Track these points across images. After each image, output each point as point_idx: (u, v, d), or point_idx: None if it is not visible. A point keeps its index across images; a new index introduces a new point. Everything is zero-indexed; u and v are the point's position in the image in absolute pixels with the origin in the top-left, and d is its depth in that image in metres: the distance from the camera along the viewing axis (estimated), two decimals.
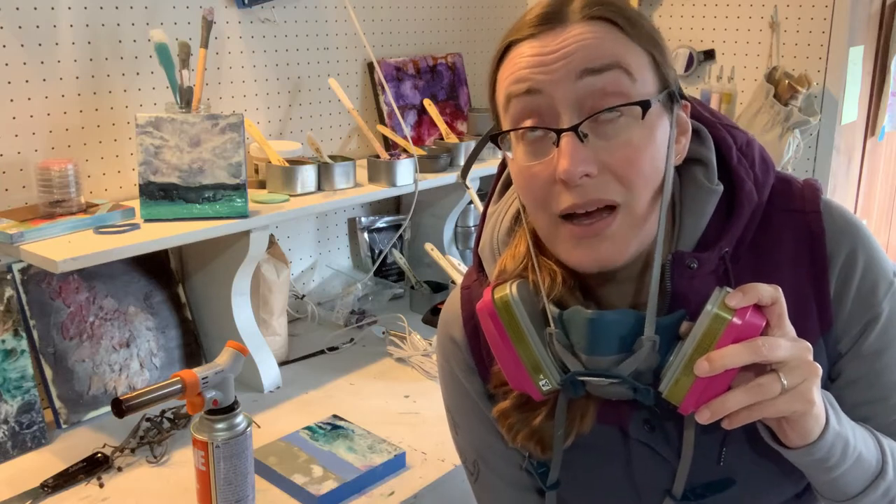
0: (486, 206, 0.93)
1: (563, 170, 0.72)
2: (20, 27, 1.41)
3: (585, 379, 0.74)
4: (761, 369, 0.70)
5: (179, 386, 1.07)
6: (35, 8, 1.43)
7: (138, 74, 1.58)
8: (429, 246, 1.91)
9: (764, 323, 0.70)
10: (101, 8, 1.51)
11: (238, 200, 1.45)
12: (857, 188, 2.33)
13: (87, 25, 1.50)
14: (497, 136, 0.79)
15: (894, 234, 2.65)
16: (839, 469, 0.76)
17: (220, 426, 1.11)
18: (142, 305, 1.59)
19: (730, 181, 0.81)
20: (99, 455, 1.33)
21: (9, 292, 1.39)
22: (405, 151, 1.86)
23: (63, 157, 1.46)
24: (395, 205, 2.18)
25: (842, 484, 0.77)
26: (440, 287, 2.01)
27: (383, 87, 1.98)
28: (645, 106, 0.73)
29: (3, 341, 1.37)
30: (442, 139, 2.00)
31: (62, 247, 1.29)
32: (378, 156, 1.79)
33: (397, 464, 1.33)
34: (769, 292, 0.70)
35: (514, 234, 0.86)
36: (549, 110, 0.74)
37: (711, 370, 0.68)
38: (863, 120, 2.27)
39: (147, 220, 1.42)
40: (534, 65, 0.74)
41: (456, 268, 1.86)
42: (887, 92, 2.27)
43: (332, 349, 1.79)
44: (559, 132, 0.73)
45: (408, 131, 2.00)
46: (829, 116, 2.09)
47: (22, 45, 1.42)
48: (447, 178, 1.87)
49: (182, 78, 1.50)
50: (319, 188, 1.67)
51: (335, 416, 1.46)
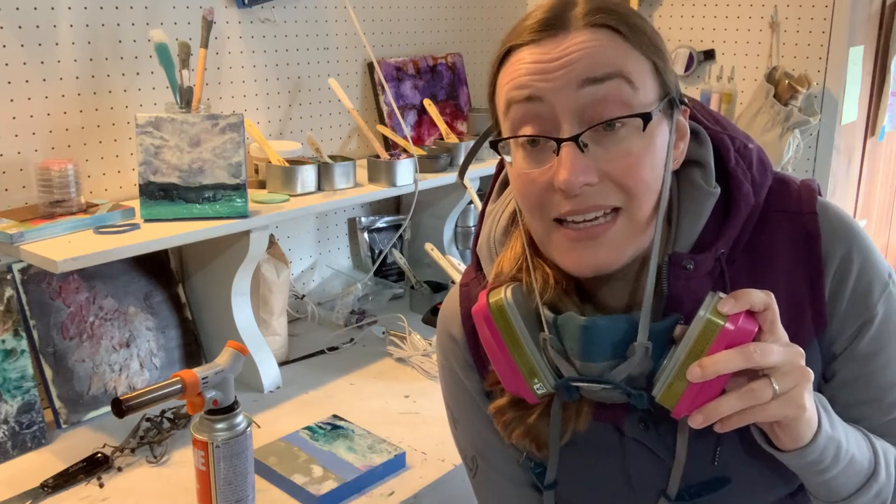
0: (485, 205, 0.93)
1: (563, 180, 0.72)
2: (20, 27, 1.41)
3: (579, 384, 0.75)
4: (754, 374, 0.70)
5: (179, 386, 1.07)
6: (35, 8, 1.43)
7: (138, 74, 1.58)
8: (429, 246, 1.91)
9: (756, 328, 0.70)
10: (101, 8, 1.51)
11: (238, 200, 1.45)
12: (857, 188, 2.33)
13: (87, 25, 1.50)
14: (496, 141, 0.79)
15: (894, 235, 2.65)
16: (832, 471, 0.76)
17: (220, 426, 1.11)
18: (142, 305, 1.59)
19: (727, 183, 0.81)
20: (99, 455, 1.33)
21: (9, 292, 1.39)
22: (405, 151, 1.85)
23: (63, 157, 1.46)
24: (395, 205, 2.18)
25: (834, 485, 0.78)
26: (440, 287, 2.01)
27: (383, 87, 1.98)
28: (646, 118, 0.73)
29: (3, 341, 1.37)
30: (442, 139, 2.00)
31: (62, 247, 1.29)
32: (378, 156, 1.79)
33: (397, 464, 1.33)
34: (761, 298, 0.70)
35: (511, 234, 0.86)
36: (550, 117, 0.74)
37: (704, 376, 0.68)
38: (863, 120, 2.27)
39: (147, 220, 1.42)
40: (535, 72, 0.74)
41: (456, 268, 1.86)
42: (887, 92, 2.27)
43: (332, 349, 1.79)
44: (559, 142, 0.73)
45: (408, 131, 2.00)
46: (829, 116, 2.09)
47: (22, 45, 1.42)
48: (447, 178, 1.87)
49: (182, 78, 1.50)
50: (319, 188, 1.67)
51: (335, 416, 1.46)
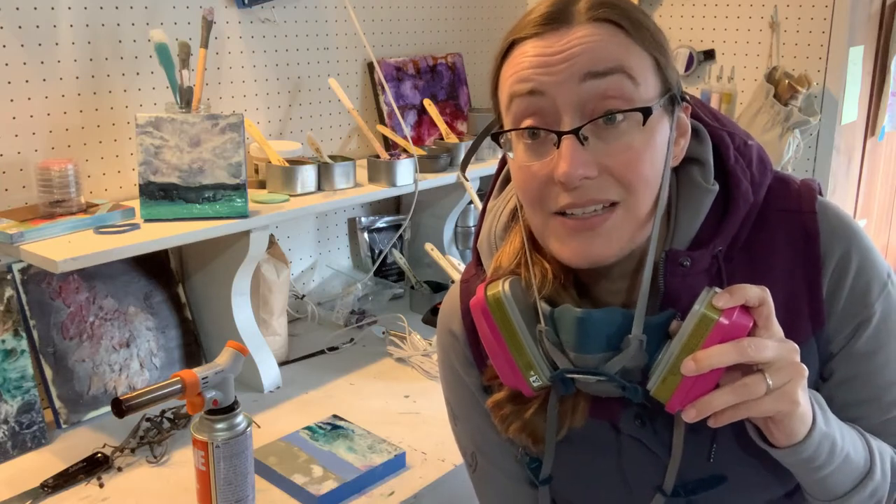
0: (486, 202, 0.93)
1: (563, 172, 0.73)
2: (20, 27, 1.41)
3: (574, 376, 0.75)
4: (748, 369, 0.70)
5: (179, 386, 1.07)
6: (35, 8, 1.43)
7: (138, 74, 1.58)
8: (429, 246, 1.91)
9: (751, 324, 0.70)
10: (101, 8, 1.51)
11: (238, 200, 1.45)
12: (857, 188, 2.33)
13: (87, 25, 1.50)
14: (498, 134, 0.79)
15: (894, 234, 2.65)
16: (826, 469, 0.76)
17: (220, 426, 1.11)
18: (142, 305, 1.59)
19: (726, 181, 0.82)
20: (99, 455, 1.33)
21: (9, 292, 1.39)
22: (405, 151, 1.85)
23: (63, 157, 1.46)
24: (395, 205, 2.18)
25: (829, 484, 0.78)
26: (440, 287, 2.01)
27: (383, 87, 1.98)
28: (646, 113, 0.73)
29: (3, 341, 1.37)
30: (442, 139, 2.00)
31: (62, 247, 1.29)
32: (378, 156, 1.79)
33: (397, 464, 1.33)
34: (756, 293, 0.70)
35: (511, 230, 0.87)
36: (551, 111, 0.74)
37: (698, 369, 0.69)
38: (863, 120, 2.27)
39: (147, 220, 1.42)
40: (537, 65, 0.74)
41: (456, 268, 1.86)
42: (887, 92, 2.27)
43: (332, 349, 1.79)
44: (560, 134, 0.73)
45: (408, 131, 2.00)
46: (829, 116, 2.09)
47: (22, 45, 1.42)
48: (447, 178, 1.87)
49: (182, 78, 1.50)
50: (319, 188, 1.67)
51: (335, 416, 1.46)
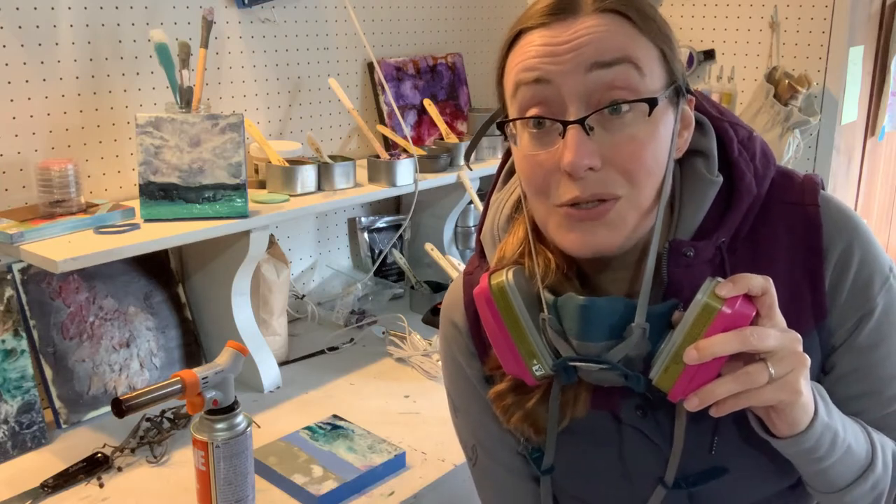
0: (490, 194, 0.94)
1: (568, 162, 0.73)
2: (20, 27, 1.41)
3: (576, 364, 0.75)
4: (750, 358, 0.71)
5: (179, 386, 1.07)
6: (35, 8, 1.43)
7: (138, 74, 1.58)
8: (429, 246, 1.91)
9: (753, 313, 0.70)
10: (101, 8, 1.51)
11: (238, 200, 1.45)
12: (857, 188, 2.33)
13: (87, 25, 1.50)
14: (503, 124, 0.80)
15: (894, 234, 2.65)
16: (828, 460, 0.76)
17: (220, 426, 1.11)
18: (142, 305, 1.59)
19: (730, 173, 0.82)
20: (99, 455, 1.33)
21: (9, 292, 1.39)
22: (405, 151, 1.85)
23: (63, 157, 1.46)
24: (395, 205, 2.18)
25: (831, 475, 0.78)
26: (440, 287, 2.01)
27: (383, 87, 1.98)
28: (652, 104, 0.73)
29: (3, 341, 1.37)
30: (442, 139, 2.00)
31: (62, 247, 1.29)
32: (378, 156, 1.79)
33: (397, 464, 1.33)
34: (759, 283, 0.70)
35: (514, 221, 0.87)
36: (557, 100, 0.74)
37: (700, 358, 0.69)
38: (863, 120, 2.27)
39: (147, 220, 1.42)
40: (544, 54, 0.74)
41: (456, 268, 1.87)
42: (887, 92, 2.27)
43: (332, 349, 1.79)
44: (566, 124, 0.73)
45: (408, 131, 2.00)
46: (829, 116, 2.09)
47: (22, 45, 1.42)
48: (447, 178, 1.87)
49: (182, 78, 1.50)
50: (319, 188, 1.67)
51: (335, 416, 1.46)
